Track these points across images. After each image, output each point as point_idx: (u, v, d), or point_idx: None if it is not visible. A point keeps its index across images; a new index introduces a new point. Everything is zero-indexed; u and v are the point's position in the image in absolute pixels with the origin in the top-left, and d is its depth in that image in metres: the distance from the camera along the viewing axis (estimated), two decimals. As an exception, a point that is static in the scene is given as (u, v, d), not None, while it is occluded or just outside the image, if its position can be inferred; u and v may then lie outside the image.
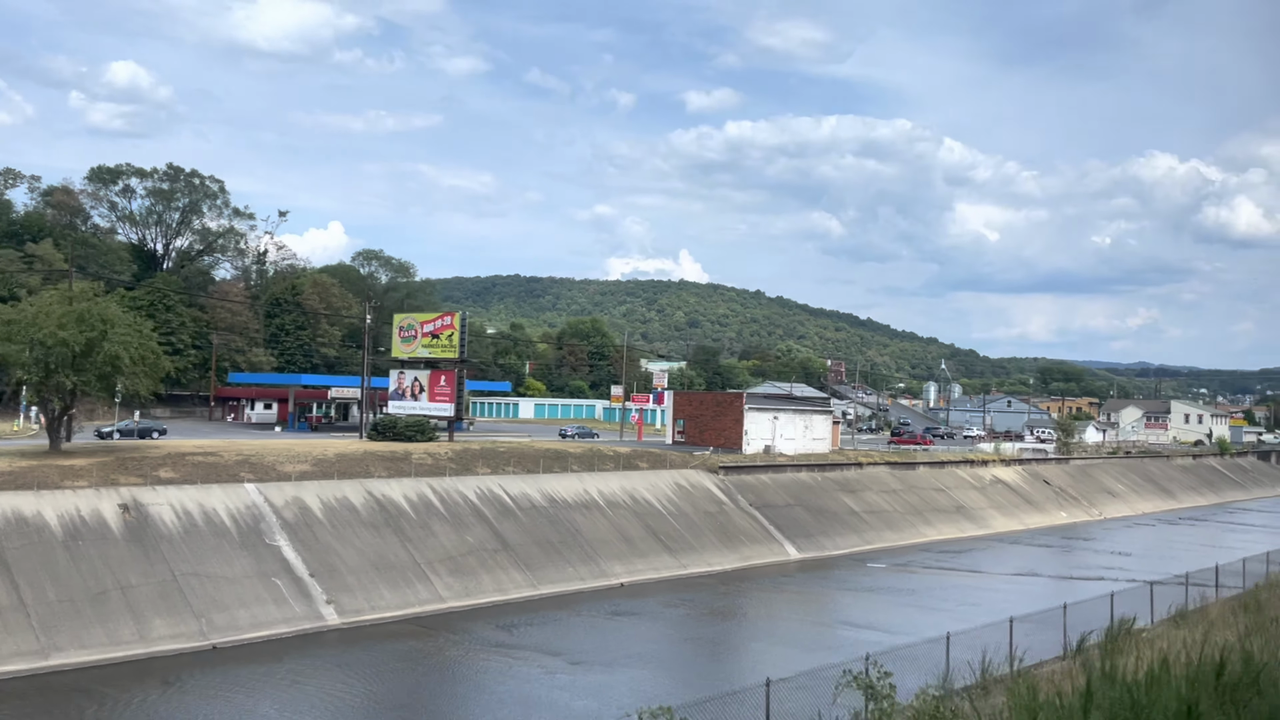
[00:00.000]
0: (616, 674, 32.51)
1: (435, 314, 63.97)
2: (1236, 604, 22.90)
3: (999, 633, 24.11)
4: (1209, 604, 27.15)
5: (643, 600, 45.20)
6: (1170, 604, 29.14)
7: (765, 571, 54.42)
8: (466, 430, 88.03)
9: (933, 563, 59.47)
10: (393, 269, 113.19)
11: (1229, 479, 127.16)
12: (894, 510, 70.31)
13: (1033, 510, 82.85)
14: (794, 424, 72.70)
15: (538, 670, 32.48)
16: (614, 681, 31.63)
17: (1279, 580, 27.85)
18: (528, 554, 46.17)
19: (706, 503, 59.00)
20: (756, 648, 37.64)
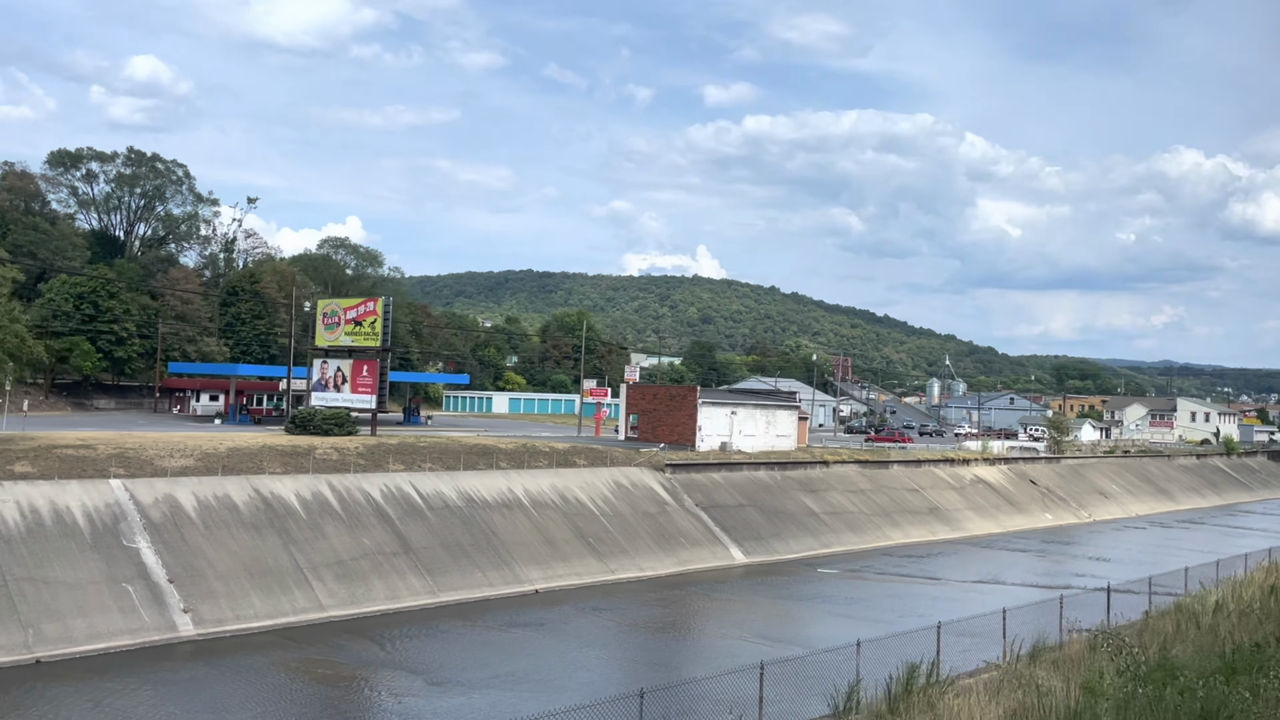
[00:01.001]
0: (476, 696, 28.79)
1: (359, 299, 60.31)
2: (1141, 627, 19.05)
3: (910, 645, 20.40)
4: (1119, 625, 23.16)
5: (555, 609, 41.47)
6: (1081, 618, 25.21)
7: (704, 577, 50.61)
8: (424, 424, 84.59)
9: (890, 568, 55.47)
10: (360, 257, 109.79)
11: (1234, 480, 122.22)
12: (858, 511, 66.28)
13: (1014, 512, 78.59)
14: (755, 420, 68.75)
15: (386, 693, 28.83)
16: (469, 705, 27.93)
17: (1200, 596, 23.89)
18: (432, 558, 42.51)
19: (647, 503, 55.19)
20: (644, 665, 33.79)
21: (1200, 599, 23.36)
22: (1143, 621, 25.83)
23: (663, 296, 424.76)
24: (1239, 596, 20.62)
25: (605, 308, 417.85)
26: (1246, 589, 22.95)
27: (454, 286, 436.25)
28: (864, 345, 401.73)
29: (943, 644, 24.90)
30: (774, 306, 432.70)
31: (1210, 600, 21.66)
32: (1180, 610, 24.32)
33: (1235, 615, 17.75)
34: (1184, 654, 16.24)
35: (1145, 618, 26.04)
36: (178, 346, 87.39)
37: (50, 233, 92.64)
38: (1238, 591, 23.01)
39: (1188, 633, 17.60)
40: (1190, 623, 20.07)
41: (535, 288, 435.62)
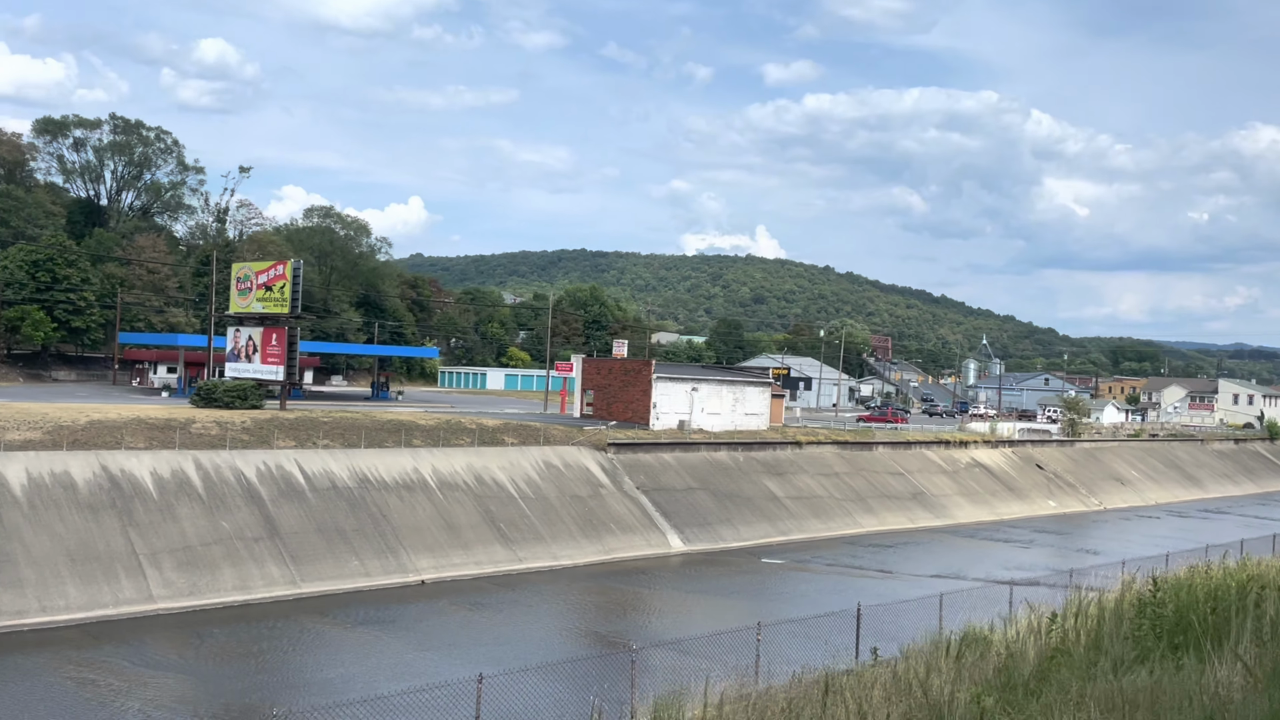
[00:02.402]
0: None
1: (270, 262, 56.42)
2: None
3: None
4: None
5: (430, 603, 37.32)
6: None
7: (630, 567, 46.10)
8: (394, 400, 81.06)
9: (845, 560, 50.39)
10: (347, 227, 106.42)
11: (1276, 466, 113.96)
12: (829, 496, 61.08)
13: (1013, 498, 72.63)
14: (719, 397, 63.75)
15: (127, 706, 24.82)
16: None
17: (1091, 602, 18.78)
18: (302, 544, 38.55)
19: (578, 485, 50.69)
20: (451, 662, 29.32)
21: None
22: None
23: (715, 276, 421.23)
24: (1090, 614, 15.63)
25: (657, 287, 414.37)
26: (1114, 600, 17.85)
27: (507, 266, 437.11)
28: (919, 326, 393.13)
29: (778, 648, 20.40)
30: (828, 286, 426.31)
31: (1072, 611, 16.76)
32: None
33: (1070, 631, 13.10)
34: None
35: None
36: (143, 317, 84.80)
37: (24, 200, 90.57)
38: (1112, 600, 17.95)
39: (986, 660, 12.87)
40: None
41: (588, 267, 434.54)
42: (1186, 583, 14.66)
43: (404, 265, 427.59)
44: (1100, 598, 16.37)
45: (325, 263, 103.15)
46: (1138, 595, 14.56)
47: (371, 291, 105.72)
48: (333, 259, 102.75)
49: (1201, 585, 14.61)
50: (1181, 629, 10.91)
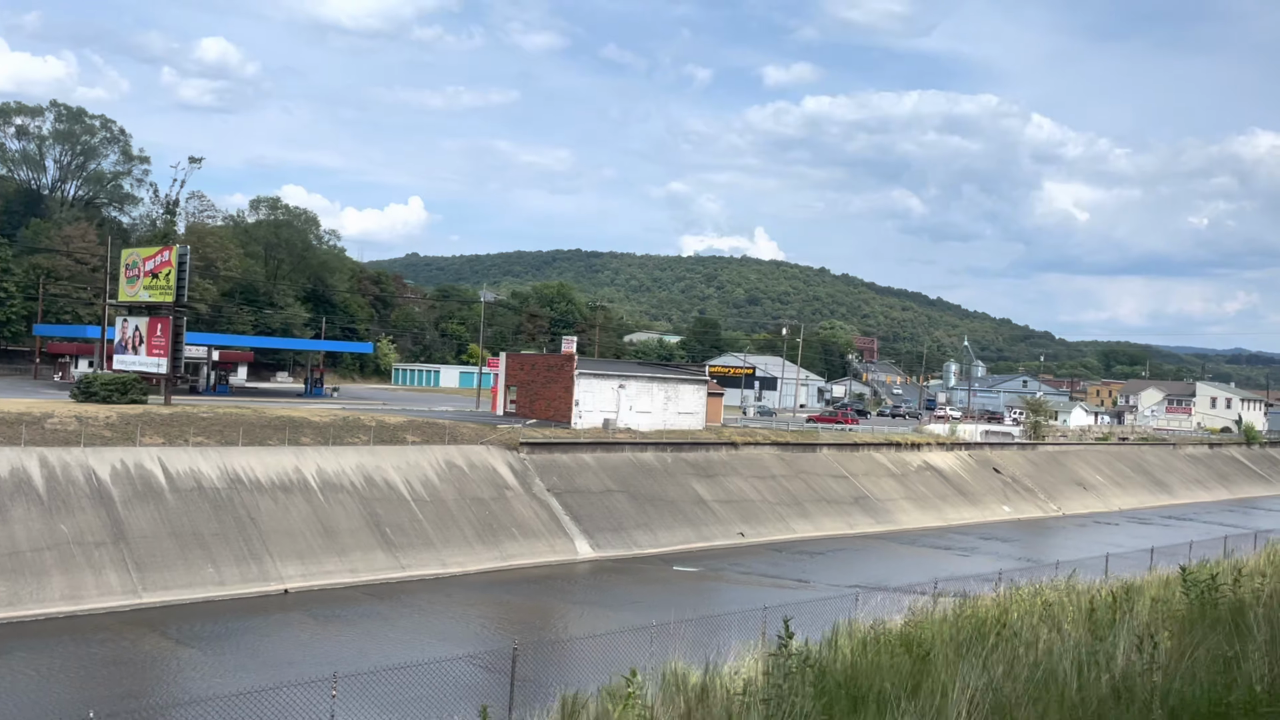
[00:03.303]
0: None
1: (156, 248, 53.36)
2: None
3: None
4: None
5: (287, 614, 34.36)
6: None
7: (529, 574, 43.16)
8: (329, 396, 78.13)
9: (763, 568, 47.45)
10: (295, 218, 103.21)
11: (1251, 472, 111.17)
12: (762, 500, 58.13)
13: (964, 503, 69.73)
14: (650, 395, 60.78)
15: None
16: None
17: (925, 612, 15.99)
18: (151, 550, 35.53)
19: (481, 487, 47.70)
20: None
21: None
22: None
23: (710, 277, 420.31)
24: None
25: (651, 288, 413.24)
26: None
27: (502, 266, 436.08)
28: (914, 328, 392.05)
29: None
30: (823, 288, 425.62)
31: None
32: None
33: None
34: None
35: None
36: (71, 309, 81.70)
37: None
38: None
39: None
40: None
41: (582, 267, 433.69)
42: (955, 613, 11.85)
43: (399, 264, 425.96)
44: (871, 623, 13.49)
45: (272, 255, 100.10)
46: (873, 632, 11.72)
47: (320, 285, 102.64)
48: (278, 251, 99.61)
49: (969, 618, 11.84)
50: (867, 687, 8.08)
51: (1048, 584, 19.04)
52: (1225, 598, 11.44)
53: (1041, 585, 18.28)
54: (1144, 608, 12.12)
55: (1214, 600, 11.14)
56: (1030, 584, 18.62)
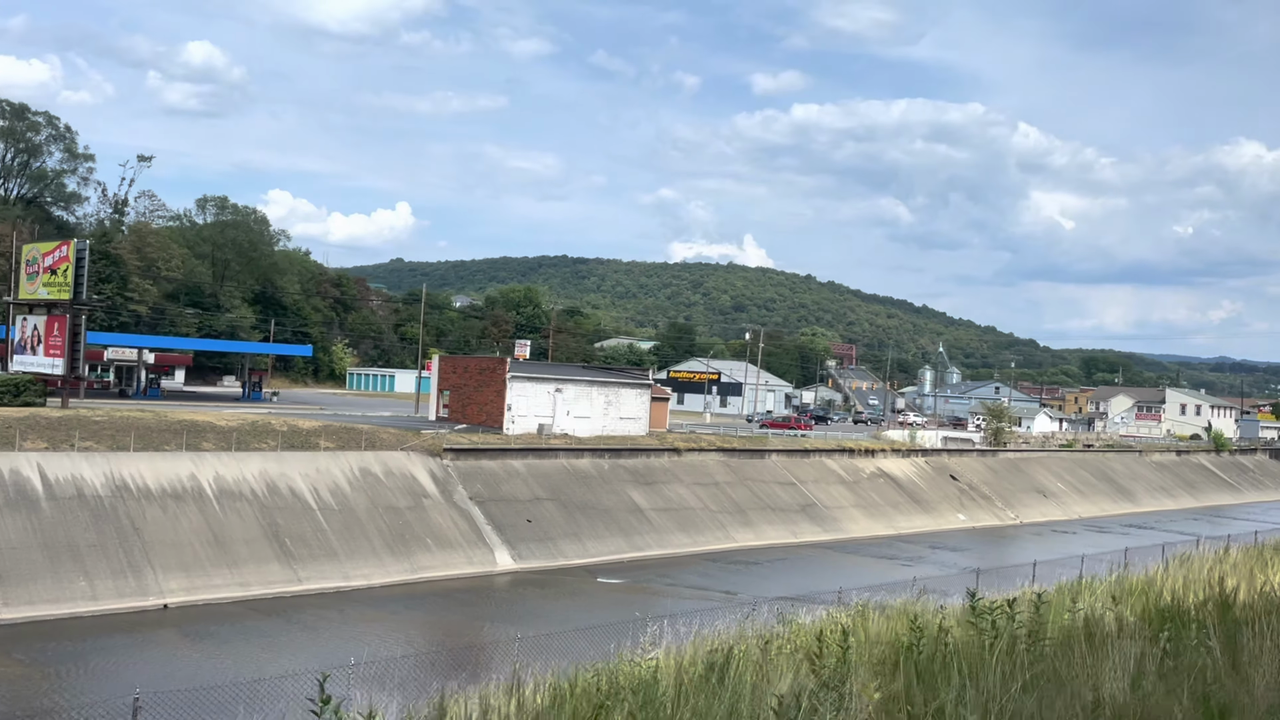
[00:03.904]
0: None
1: (55, 243, 50.87)
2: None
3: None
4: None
5: (155, 632, 32.02)
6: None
7: (440, 587, 40.93)
8: (268, 400, 75.66)
9: (691, 579, 45.34)
10: (244, 217, 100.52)
11: (1218, 479, 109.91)
12: (702, 508, 56.03)
13: (916, 511, 67.83)
14: (589, 399, 58.59)
15: None
16: None
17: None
18: (17, 562, 33.08)
19: (398, 495, 45.40)
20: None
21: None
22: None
23: (696, 284, 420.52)
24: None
25: (638, 294, 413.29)
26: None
27: (488, 271, 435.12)
28: (899, 335, 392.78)
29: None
30: (809, 295, 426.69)
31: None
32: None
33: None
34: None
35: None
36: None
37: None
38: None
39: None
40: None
41: (569, 273, 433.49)
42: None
43: (383, 270, 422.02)
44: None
45: (219, 256, 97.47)
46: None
47: (269, 287, 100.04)
48: (225, 252, 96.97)
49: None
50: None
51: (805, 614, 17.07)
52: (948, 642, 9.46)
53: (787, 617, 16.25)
54: (861, 648, 10.15)
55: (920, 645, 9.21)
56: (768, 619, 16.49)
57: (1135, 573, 18.98)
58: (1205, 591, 12.66)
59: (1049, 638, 9.03)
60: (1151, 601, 12.38)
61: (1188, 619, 9.78)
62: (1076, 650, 7.80)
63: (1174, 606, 9.78)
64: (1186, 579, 16.63)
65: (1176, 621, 9.68)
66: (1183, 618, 9.85)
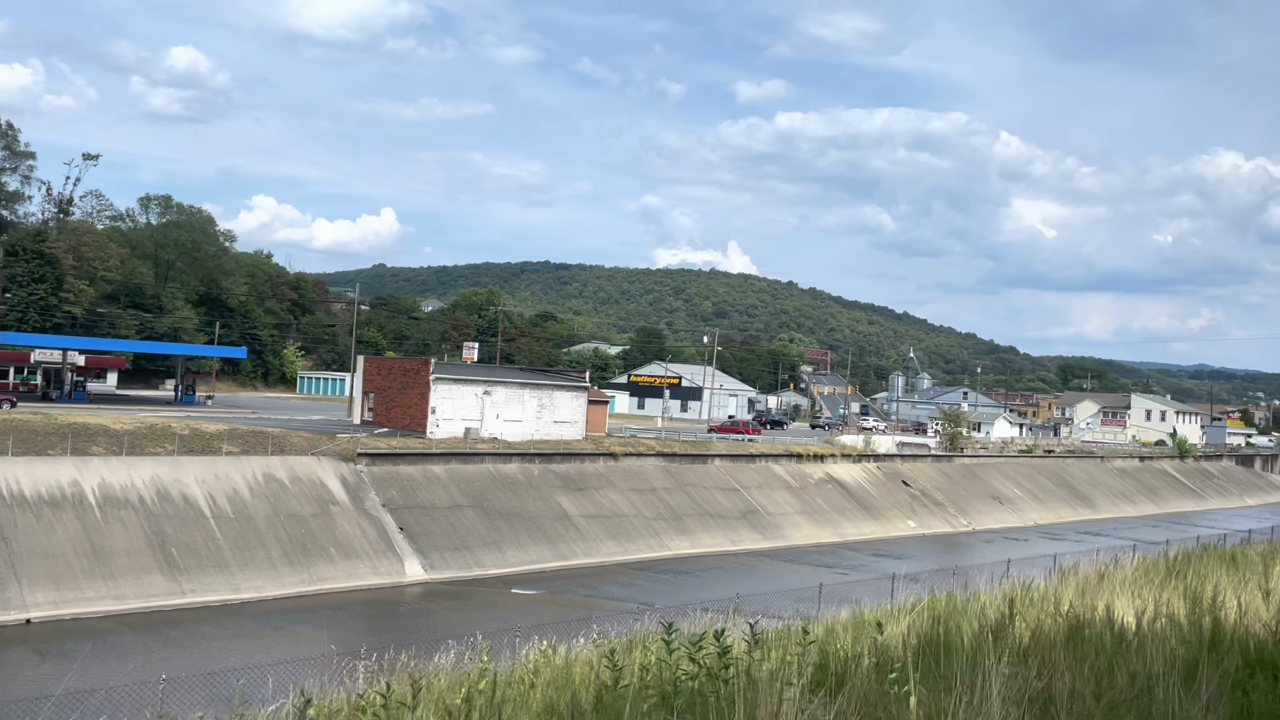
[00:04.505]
0: None
1: None
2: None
3: None
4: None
5: (8, 650, 29.67)
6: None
7: (341, 599, 38.78)
8: (202, 404, 73.13)
9: (613, 590, 43.34)
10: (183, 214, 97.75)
11: (1182, 486, 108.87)
12: (637, 515, 54.04)
13: (865, 518, 66.10)
14: (520, 403, 56.53)
15: None
16: None
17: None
18: None
19: (303, 502, 43.19)
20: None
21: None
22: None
23: (678, 290, 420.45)
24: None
25: (620, 300, 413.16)
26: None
27: (470, 277, 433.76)
28: (880, 342, 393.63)
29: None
30: (790, 302, 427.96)
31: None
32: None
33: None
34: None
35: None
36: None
37: None
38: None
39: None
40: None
41: (550, 279, 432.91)
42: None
43: (365, 275, 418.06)
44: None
45: (162, 256, 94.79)
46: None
47: (213, 288, 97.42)
48: (168, 252, 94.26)
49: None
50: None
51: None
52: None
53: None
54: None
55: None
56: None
57: (994, 587, 17.14)
58: (997, 616, 10.81)
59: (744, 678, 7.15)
60: (920, 629, 10.54)
61: (889, 664, 7.86)
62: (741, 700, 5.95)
63: (934, 639, 7.98)
64: (1017, 600, 14.76)
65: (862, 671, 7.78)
66: (888, 663, 7.94)
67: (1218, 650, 8.22)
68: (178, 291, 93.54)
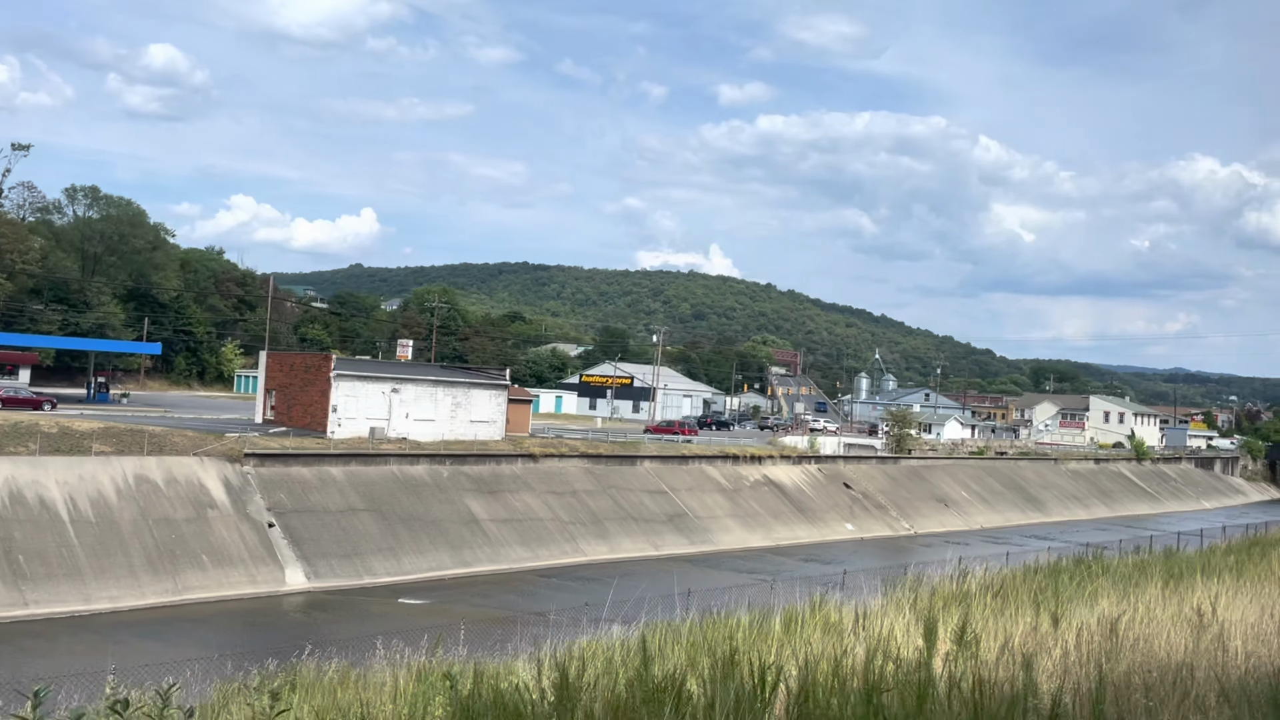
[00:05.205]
0: None
1: None
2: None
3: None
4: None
5: None
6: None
7: (209, 610, 36.10)
8: (117, 403, 70.02)
9: (509, 599, 40.85)
10: (112, 206, 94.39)
11: (1137, 489, 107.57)
12: (554, 519, 51.53)
13: (800, 521, 63.89)
14: (433, 401, 53.87)
15: None
16: None
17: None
18: None
19: (177, 506, 40.38)
20: None
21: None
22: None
23: (656, 292, 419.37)
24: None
25: (598, 302, 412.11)
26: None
27: (447, 277, 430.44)
28: (857, 344, 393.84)
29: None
30: (769, 304, 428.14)
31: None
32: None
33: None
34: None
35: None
36: None
37: None
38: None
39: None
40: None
41: (528, 280, 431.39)
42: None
43: (342, 275, 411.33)
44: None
45: (89, 250, 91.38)
46: None
47: (143, 282, 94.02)
48: (94, 245, 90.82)
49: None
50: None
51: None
52: None
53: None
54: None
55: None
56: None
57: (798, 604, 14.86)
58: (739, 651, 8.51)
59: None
60: (631, 669, 8.22)
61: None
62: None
63: (643, 681, 5.69)
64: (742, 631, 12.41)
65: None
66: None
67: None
68: (104, 286, 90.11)
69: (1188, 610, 10.78)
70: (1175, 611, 10.97)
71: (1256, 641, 9.39)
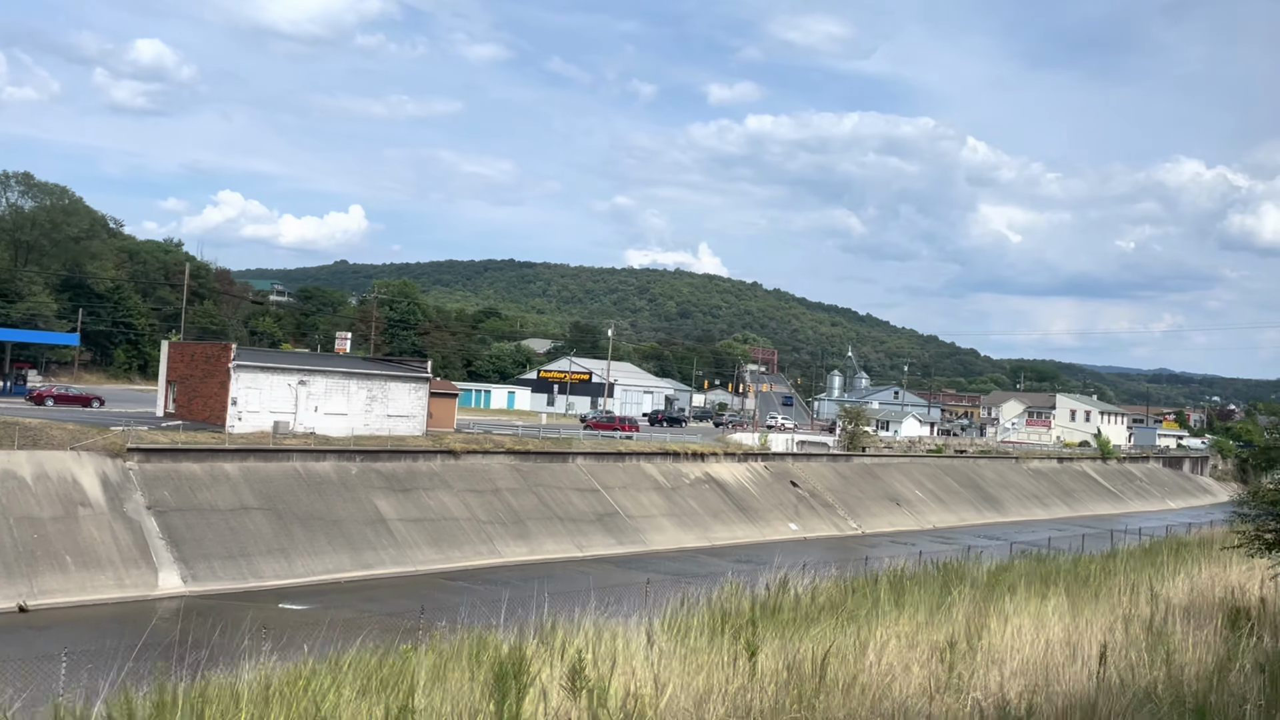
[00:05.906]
0: None
1: None
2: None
3: None
4: None
5: None
6: None
7: (63, 617, 33.42)
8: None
9: (399, 604, 38.17)
10: (47, 194, 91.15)
11: (1101, 488, 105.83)
12: (471, 519, 48.99)
13: (740, 521, 61.57)
14: (345, 394, 51.23)
15: None
16: None
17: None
18: None
19: (44, 503, 37.65)
20: None
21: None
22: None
23: (642, 290, 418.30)
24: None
25: (583, 299, 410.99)
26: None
27: (433, 275, 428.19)
28: (841, 343, 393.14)
29: None
30: (755, 303, 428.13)
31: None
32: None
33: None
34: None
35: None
36: None
37: None
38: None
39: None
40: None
41: (514, 277, 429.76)
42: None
43: (327, 272, 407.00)
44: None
45: (19, 239, 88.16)
46: None
47: (78, 272, 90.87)
48: (25, 233, 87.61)
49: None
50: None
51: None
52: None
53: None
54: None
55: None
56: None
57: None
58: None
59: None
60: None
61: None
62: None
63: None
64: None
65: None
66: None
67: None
68: (37, 275, 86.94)
69: (940, 639, 8.48)
70: (936, 641, 8.67)
71: (1010, 679, 7.06)
